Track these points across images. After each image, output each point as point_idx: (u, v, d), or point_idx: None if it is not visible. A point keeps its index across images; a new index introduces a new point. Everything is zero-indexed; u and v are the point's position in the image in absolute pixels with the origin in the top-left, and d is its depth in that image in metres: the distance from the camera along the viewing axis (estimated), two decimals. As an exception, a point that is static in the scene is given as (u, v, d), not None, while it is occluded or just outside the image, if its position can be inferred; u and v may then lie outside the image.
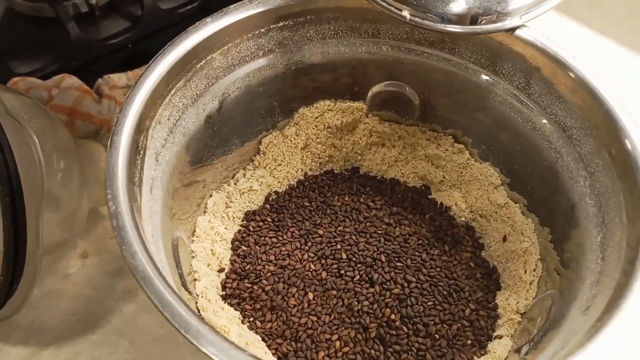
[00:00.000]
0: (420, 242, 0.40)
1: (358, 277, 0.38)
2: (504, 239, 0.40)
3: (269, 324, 0.36)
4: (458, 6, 0.35)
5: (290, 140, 0.43)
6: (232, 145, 0.41)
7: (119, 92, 0.47)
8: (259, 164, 0.42)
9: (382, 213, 0.42)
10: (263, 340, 0.35)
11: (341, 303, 0.37)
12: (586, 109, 0.35)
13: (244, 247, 0.39)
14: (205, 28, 0.35)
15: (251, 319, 0.36)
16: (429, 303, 0.37)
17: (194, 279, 0.35)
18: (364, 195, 0.43)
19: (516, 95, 0.38)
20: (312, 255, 0.39)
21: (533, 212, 0.39)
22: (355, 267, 0.38)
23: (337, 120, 0.43)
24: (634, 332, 0.30)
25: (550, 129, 0.37)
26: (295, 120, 0.43)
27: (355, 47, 0.40)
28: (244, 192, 0.41)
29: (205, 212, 0.39)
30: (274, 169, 0.43)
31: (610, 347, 0.27)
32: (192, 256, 0.37)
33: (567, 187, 0.36)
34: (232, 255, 0.39)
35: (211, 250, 0.38)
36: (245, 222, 0.41)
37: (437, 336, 0.36)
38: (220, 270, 0.38)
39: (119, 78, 0.48)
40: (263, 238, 0.40)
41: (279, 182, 0.43)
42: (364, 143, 0.44)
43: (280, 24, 0.38)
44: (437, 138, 0.43)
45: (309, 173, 0.44)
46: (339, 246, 0.39)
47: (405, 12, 0.36)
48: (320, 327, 0.36)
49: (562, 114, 0.36)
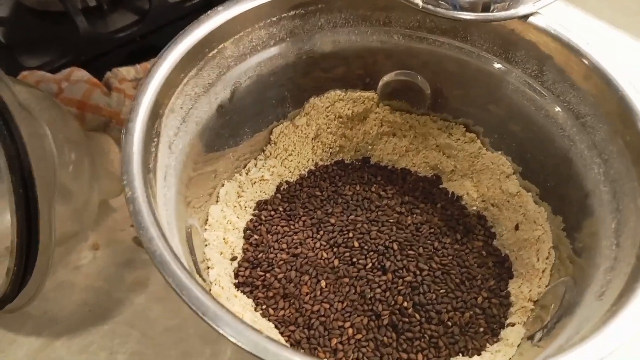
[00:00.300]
0: (432, 230, 0.40)
1: (370, 265, 0.38)
2: (516, 228, 0.40)
3: (282, 312, 0.36)
4: (470, -7, 0.35)
5: (301, 130, 0.43)
6: (243, 135, 0.41)
7: (127, 85, 0.47)
8: (270, 153, 0.42)
9: (394, 202, 0.42)
10: (276, 327, 0.35)
11: (353, 291, 0.37)
12: (600, 96, 0.35)
13: (256, 236, 0.39)
14: (217, 16, 0.35)
15: (264, 307, 0.36)
16: (441, 291, 0.37)
17: (207, 267, 0.35)
18: (375, 185, 0.43)
19: (529, 83, 0.38)
20: (324, 243, 0.39)
21: (546, 200, 0.39)
22: (367, 255, 0.38)
23: (348, 110, 0.43)
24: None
25: (564, 117, 0.37)
26: (306, 110, 0.43)
27: (366, 35, 0.40)
28: (255, 182, 0.41)
29: (217, 201, 0.39)
30: (285, 158, 0.43)
31: (625, 331, 0.27)
32: (205, 244, 0.37)
33: (580, 174, 0.36)
34: (244, 244, 0.39)
35: (224, 238, 0.38)
36: (257, 211, 0.41)
37: (450, 324, 0.36)
38: (233, 258, 0.38)
39: (128, 71, 0.48)
40: (275, 227, 0.40)
41: (290, 172, 0.43)
42: (374, 133, 0.44)
43: (292, 12, 0.38)
44: (449, 127, 0.43)
45: (320, 163, 0.44)
46: (350, 234, 0.39)
47: (417, 0, 0.35)
48: (332, 315, 0.36)
49: (575, 101, 0.36)
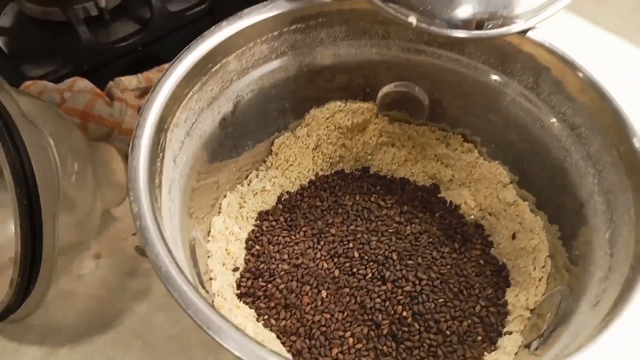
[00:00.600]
0: (430, 240, 0.41)
1: (370, 275, 0.38)
2: (513, 237, 0.40)
3: (284, 322, 0.36)
4: (464, 11, 0.35)
5: (302, 141, 0.43)
6: (245, 147, 0.41)
7: (130, 94, 0.47)
8: (271, 164, 0.43)
9: (393, 212, 0.42)
10: (278, 337, 0.35)
11: (354, 301, 0.37)
12: (594, 108, 0.35)
13: (257, 247, 0.40)
14: (221, 32, 0.35)
15: (266, 317, 0.36)
16: (440, 300, 0.37)
17: (210, 278, 0.36)
18: (374, 195, 0.43)
19: (525, 95, 0.39)
20: (325, 254, 0.39)
21: (542, 209, 0.40)
22: (367, 265, 0.39)
23: (348, 120, 0.44)
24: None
25: (559, 128, 0.37)
26: (306, 121, 0.43)
27: (366, 48, 0.41)
28: (257, 193, 0.42)
29: (219, 212, 0.40)
30: (286, 169, 0.43)
31: (620, 340, 0.27)
32: (208, 256, 0.37)
33: (575, 185, 0.36)
34: (246, 255, 0.40)
35: (226, 249, 0.38)
36: (258, 222, 0.42)
37: (448, 332, 0.36)
38: (235, 269, 0.39)
39: (130, 81, 0.48)
40: (276, 237, 0.40)
41: (291, 182, 0.44)
42: (374, 143, 0.45)
43: (293, 26, 0.38)
44: (447, 137, 0.44)
45: (320, 173, 0.45)
46: (351, 245, 0.40)
47: (411, 19, 0.36)
48: (333, 325, 0.36)
49: (570, 112, 0.37)
